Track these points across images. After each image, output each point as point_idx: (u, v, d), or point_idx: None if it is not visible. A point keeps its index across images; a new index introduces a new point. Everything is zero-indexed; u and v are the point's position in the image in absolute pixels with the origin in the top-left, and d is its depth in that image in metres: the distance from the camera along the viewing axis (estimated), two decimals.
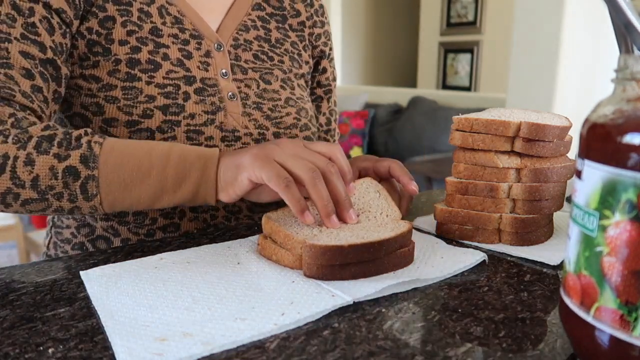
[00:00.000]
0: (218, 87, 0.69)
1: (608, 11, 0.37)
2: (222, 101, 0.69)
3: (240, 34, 0.74)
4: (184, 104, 0.66)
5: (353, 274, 0.46)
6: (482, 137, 0.56)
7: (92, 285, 0.45)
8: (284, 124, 0.73)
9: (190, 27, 0.70)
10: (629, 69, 0.31)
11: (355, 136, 3.61)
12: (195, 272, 0.48)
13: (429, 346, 0.36)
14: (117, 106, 0.63)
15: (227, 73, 0.71)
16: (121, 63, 0.65)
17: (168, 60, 0.67)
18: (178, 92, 0.66)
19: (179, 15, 0.70)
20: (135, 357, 0.34)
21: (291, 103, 0.75)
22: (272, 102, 0.73)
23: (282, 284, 0.45)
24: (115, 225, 0.70)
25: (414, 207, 0.73)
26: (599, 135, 0.31)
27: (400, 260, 0.49)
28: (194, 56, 0.69)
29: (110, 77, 0.64)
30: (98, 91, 0.64)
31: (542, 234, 0.58)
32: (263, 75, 0.74)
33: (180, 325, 0.38)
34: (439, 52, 4.59)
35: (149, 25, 0.67)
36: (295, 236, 0.49)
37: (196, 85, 0.67)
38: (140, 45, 0.66)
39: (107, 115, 0.63)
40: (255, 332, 0.37)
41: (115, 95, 0.64)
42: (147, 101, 0.64)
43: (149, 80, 0.65)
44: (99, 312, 0.41)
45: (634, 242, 0.29)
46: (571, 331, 0.34)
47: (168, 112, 0.65)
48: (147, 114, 0.64)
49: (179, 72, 0.67)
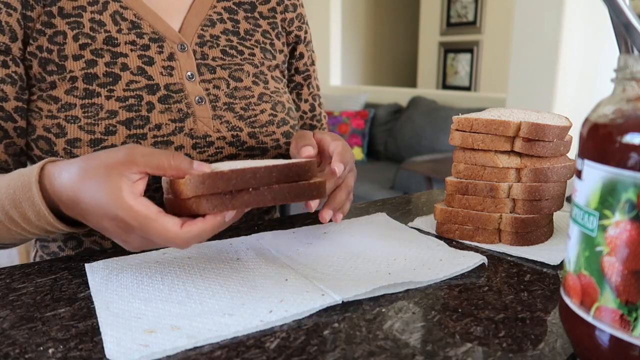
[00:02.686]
0: (184, 92, 0.65)
1: (608, 12, 0.37)
2: (189, 107, 0.65)
3: (206, 30, 0.70)
4: (148, 115, 0.62)
5: (245, 202, 0.44)
6: (482, 137, 0.56)
7: (94, 277, 0.47)
8: (259, 122, 0.69)
9: (149, 31, 0.66)
10: (629, 69, 0.31)
11: (355, 136, 3.61)
12: (194, 267, 0.49)
13: (429, 346, 0.36)
14: (78, 125, 0.60)
15: (194, 75, 0.67)
16: (78, 80, 0.61)
17: (127, 70, 0.63)
18: (141, 103, 0.62)
19: (135, 19, 0.66)
20: (122, 347, 0.35)
21: (265, 99, 0.71)
22: (244, 100, 0.69)
23: (275, 281, 0.46)
24: (98, 240, 0.67)
25: (414, 207, 0.73)
26: (599, 135, 0.31)
27: (303, 191, 0.46)
28: (155, 61, 0.65)
29: (68, 95, 0.61)
30: (58, 111, 0.61)
31: (542, 234, 0.58)
32: (233, 73, 0.70)
33: (170, 318, 0.39)
34: (439, 52, 4.59)
35: (103, 35, 0.63)
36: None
37: (160, 93, 0.64)
38: (96, 57, 0.62)
39: (69, 136, 0.60)
40: (240, 327, 0.38)
41: (75, 114, 0.61)
42: (109, 117, 0.61)
43: (108, 95, 0.62)
44: (96, 303, 0.42)
45: (634, 242, 0.29)
46: (571, 331, 0.34)
47: (132, 126, 0.61)
48: (110, 130, 0.61)
49: (140, 81, 0.63)
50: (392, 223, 0.63)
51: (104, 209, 0.44)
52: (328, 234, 0.59)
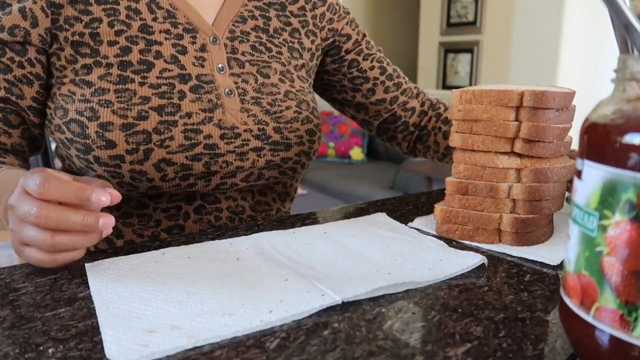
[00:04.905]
0: (215, 84, 0.67)
1: (608, 12, 0.37)
2: (219, 98, 0.67)
3: (237, 26, 0.73)
4: (179, 103, 0.64)
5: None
6: (482, 139, 0.56)
7: (94, 277, 0.47)
8: (284, 118, 0.71)
9: (183, 21, 0.68)
10: (629, 69, 0.31)
11: (356, 136, 3.61)
12: (193, 267, 0.49)
13: (429, 346, 0.36)
14: (111, 110, 0.63)
15: (224, 67, 0.69)
16: (112, 67, 0.64)
17: (161, 58, 0.65)
18: (173, 91, 0.65)
19: (171, 8, 0.68)
20: (122, 347, 0.35)
21: (291, 96, 0.73)
22: (270, 96, 0.71)
23: (275, 282, 0.46)
24: (119, 227, 0.70)
25: (414, 207, 0.73)
26: (599, 135, 0.31)
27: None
28: (188, 51, 0.67)
29: (102, 80, 0.63)
30: (91, 95, 0.63)
31: (542, 234, 0.58)
32: (260, 69, 0.72)
33: (170, 318, 0.39)
34: (439, 52, 4.59)
35: (138, 23, 0.66)
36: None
37: (192, 82, 0.66)
38: (131, 44, 0.65)
39: (102, 120, 0.62)
40: (240, 327, 0.38)
41: (108, 99, 0.63)
42: (142, 103, 0.63)
43: (141, 81, 0.64)
44: (96, 303, 0.42)
45: (634, 242, 0.29)
46: (571, 331, 0.34)
47: (164, 113, 0.63)
48: (142, 115, 0.63)
49: (173, 70, 0.66)
50: (392, 223, 0.63)
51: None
52: (328, 234, 0.59)
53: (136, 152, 0.63)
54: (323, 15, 0.81)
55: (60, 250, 0.47)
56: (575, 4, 2.22)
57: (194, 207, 0.71)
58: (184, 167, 0.65)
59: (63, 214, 0.45)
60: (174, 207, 0.70)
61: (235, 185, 0.71)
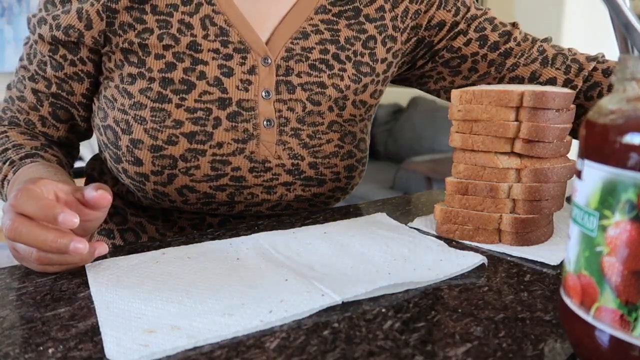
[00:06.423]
0: (255, 112, 0.64)
1: (608, 12, 0.37)
2: (256, 128, 0.63)
3: (296, 43, 0.66)
4: (212, 131, 0.62)
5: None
6: (482, 139, 0.56)
7: (94, 278, 0.47)
8: (323, 152, 0.67)
9: (235, 40, 0.64)
10: (629, 69, 0.31)
11: None
12: (193, 267, 0.49)
13: (429, 346, 0.36)
14: (144, 128, 0.61)
15: (270, 93, 0.64)
16: (154, 82, 0.62)
17: (204, 79, 0.62)
18: (209, 117, 0.62)
19: (225, 25, 0.64)
20: (122, 347, 0.35)
21: (335, 128, 0.68)
22: (312, 127, 0.66)
23: (275, 282, 0.46)
24: (144, 223, 0.71)
25: (414, 207, 0.73)
26: (599, 135, 0.31)
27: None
28: (235, 73, 0.63)
29: (142, 95, 0.62)
30: (129, 108, 0.62)
31: (542, 234, 0.58)
32: (312, 96, 0.66)
33: (170, 318, 0.39)
34: None
35: (188, 39, 0.62)
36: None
37: (230, 109, 0.63)
38: (176, 61, 0.62)
39: (134, 136, 0.61)
40: (240, 327, 0.38)
41: (143, 115, 0.62)
42: (174, 126, 0.61)
43: (179, 103, 0.62)
44: (96, 303, 0.42)
45: (634, 242, 0.29)
46: (571, 331, 0.34)
47: (194, 140, 0.61)
48: (172, 140, 0.61)
49: (214, 93, 0.62)
50: (392, 223, 0.63)
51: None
52: (328, 234, 0.59)
53: (160, 175, 0.62)
54: (406, 12, 0.72)
55: (47, 264, 0.46)
56: (575, 4, 2.22)
57: (218, 221, 0.71)
58: (206, 195, 0.64)
59: (33, 231, 0.43)
60: (198, 218, 0.71)
61: (261, 213, 0.70)
